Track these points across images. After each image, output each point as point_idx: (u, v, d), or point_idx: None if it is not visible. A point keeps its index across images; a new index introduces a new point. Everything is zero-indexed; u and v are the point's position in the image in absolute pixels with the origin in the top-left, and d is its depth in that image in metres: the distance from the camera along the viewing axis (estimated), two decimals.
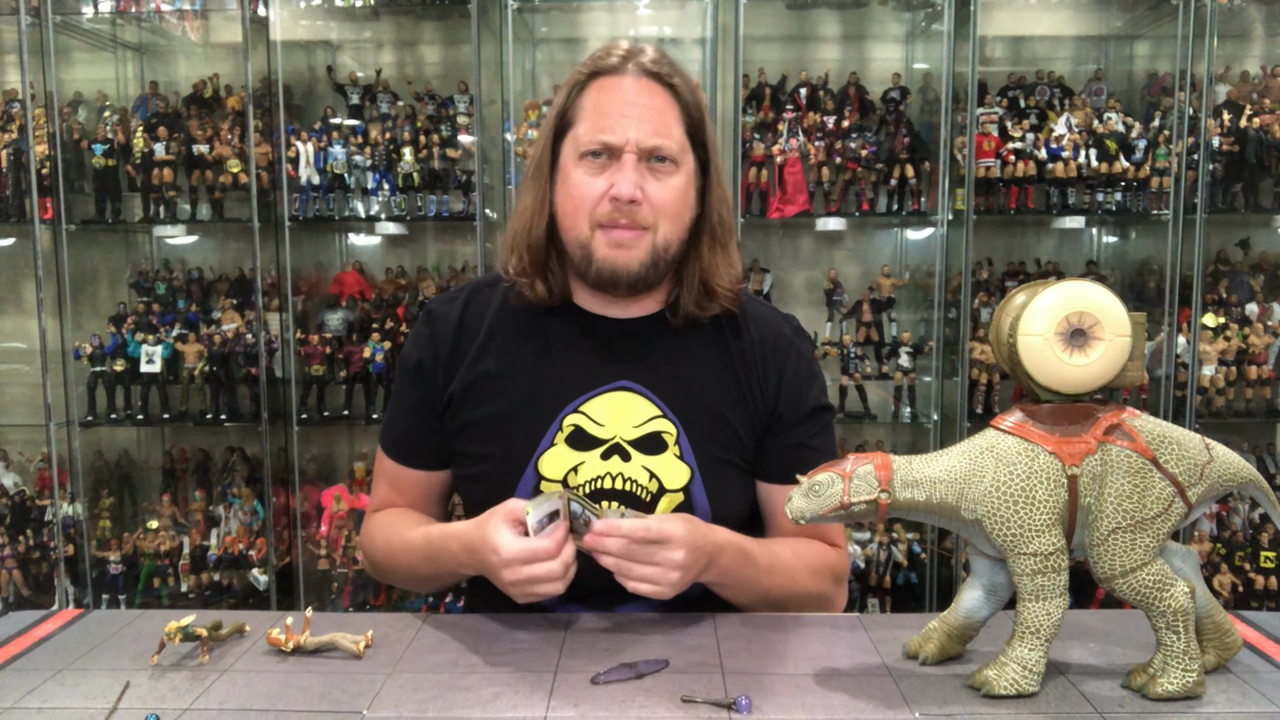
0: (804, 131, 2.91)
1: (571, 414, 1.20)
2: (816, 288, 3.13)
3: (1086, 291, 0.94)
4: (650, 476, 1.19)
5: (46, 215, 2.92)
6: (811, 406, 1.26)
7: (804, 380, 1.26)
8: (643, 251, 1.17)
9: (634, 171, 1.14)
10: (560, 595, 1.11)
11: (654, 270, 1.19)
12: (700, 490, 1.20)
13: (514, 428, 1.21)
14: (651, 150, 1.15)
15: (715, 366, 1.24)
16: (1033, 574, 0.92)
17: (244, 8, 2.82)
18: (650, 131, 1.14)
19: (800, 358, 1.28)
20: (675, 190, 1.17)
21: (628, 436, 1.20)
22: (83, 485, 3.01)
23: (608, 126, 1.14)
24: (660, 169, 1.16)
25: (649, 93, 1.16)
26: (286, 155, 2.88)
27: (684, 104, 1.18)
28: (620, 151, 1.14)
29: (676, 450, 1.20)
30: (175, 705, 0.94)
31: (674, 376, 1.22)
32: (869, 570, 2.90)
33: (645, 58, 1.18)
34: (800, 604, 1.22)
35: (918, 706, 0.92)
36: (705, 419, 1.21)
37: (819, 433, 1.27)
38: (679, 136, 1.17)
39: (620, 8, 3.15)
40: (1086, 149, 2.85)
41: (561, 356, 1.23)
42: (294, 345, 2.94)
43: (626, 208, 1.15)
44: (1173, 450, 0.94)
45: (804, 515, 0.94)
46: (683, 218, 1.19)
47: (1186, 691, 0.92)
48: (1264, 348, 2.88)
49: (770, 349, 1.26)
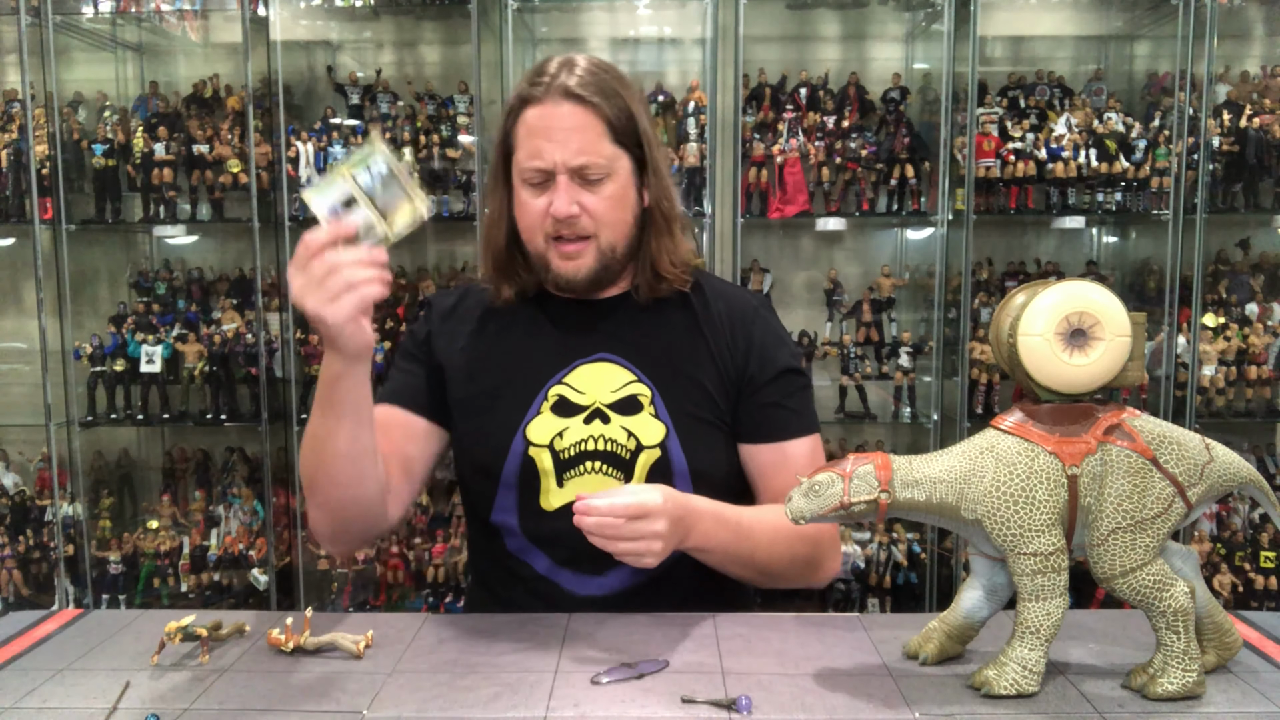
0: (804, 131, 2.91)
1: (555, 385, 1.31)
2: (816, 288, 3.13)
3: (1086, 291, 0.94)
4: (629, 435, 1.28)
5: (46, 215, 2.92)
6: (782, 367, 1.34)
7: (772, 345, 1.35)
8: (590, 259, 1.28)
9: (567, 190, 1.24)
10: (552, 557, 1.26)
11: (605, 271, 1.30)
12: (676, 445, 1.28)
13: (502, 400, 1.31)
14: (579, 169, 1.24)
15: (684, 334, 1.34)
16: (1033, 574, 0.92)
17: (244, 8, 2.82)
18: (574, 152, 1.23)
19: (767, 325, 1.37)
20: (610, 198, 1.27)
21: (606, 401, 1.29)
22: (83, 485, 3.01)
23: (538, 152, 1.24)
24: (593, 182, 1.25)
25: (570, 115, 1.24)
26: (286, 155, 2.88)
27: (607, 117, 1.25)
28: (553, 174, 1.24)
29: (652, 410, 1.29)
30: (175, 705, 0.94)
31: (647, 345, 1.32)
32: (869, 570, 2.90)
33: (569, 79, 1.25)
34: (788, 567, 1.29)
35: (918, 706, 0.92)
36: (677, 380, 1.31)
37: (793, 394, 1.35)
38: (605, 149, 1.26)
39: (620, 8, 3.15)
40: (1086, 149, 2.85)
41: (544, 336, 1.35)
42: (294, 345, 2.94)
43: (567, 222, 1.25)
44: (1173, 450, 0.94)
45: (804, 515, 0.94)
46: (623, 220, 1.29)
47: (1186, 691, 0.93)
48: (1264, 348, 2.88)
49: (737, 317, 1.36)
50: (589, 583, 1.28)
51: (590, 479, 1.28)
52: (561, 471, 1.28)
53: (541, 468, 1.28)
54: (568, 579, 1.29)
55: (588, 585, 1.28)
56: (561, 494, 1.28)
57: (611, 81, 1.27)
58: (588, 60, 1.29)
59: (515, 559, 1.32)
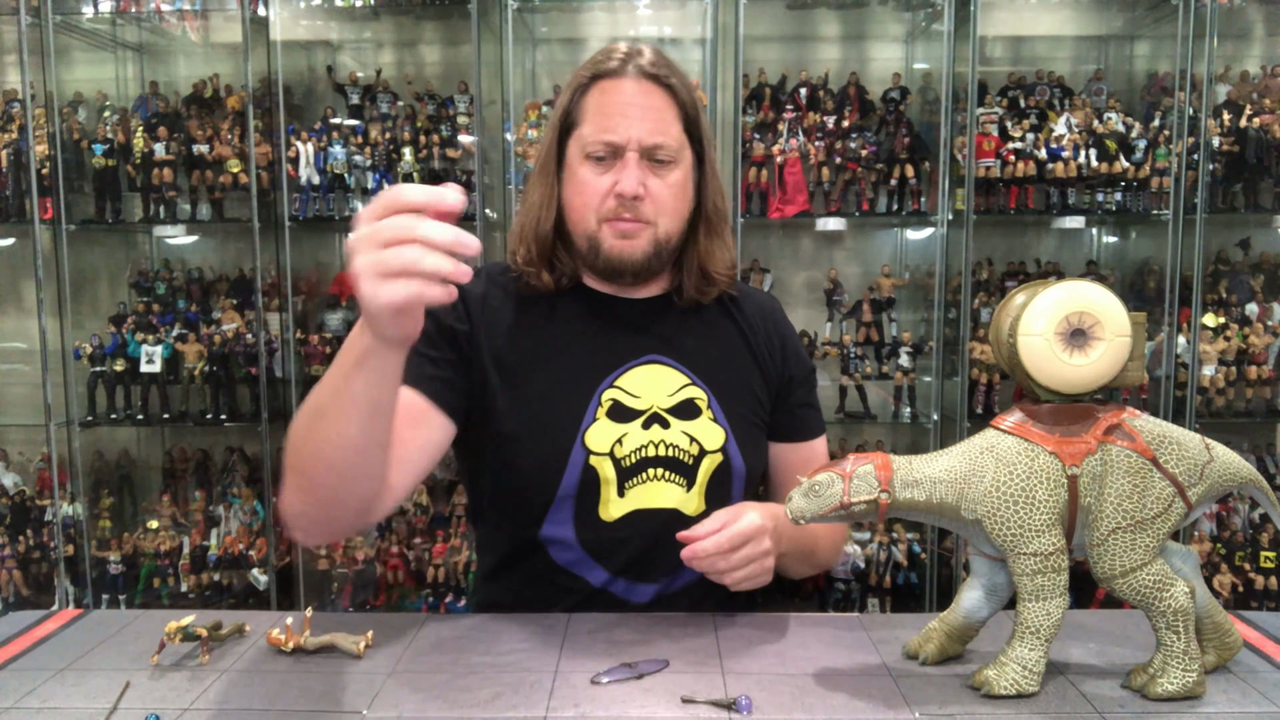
0: (804, 131, 2.91)
1: (608, 389, 1.26)
2: (816, 288, 3.13)
3: (1086, 291, 0.94)
4: (691, 440, 1.25)
5: (46, 215, 2.92)
6: (810, 368, 1.41)
7: (798, 345, 1.41)
8: (645, 242, 1.24)
9: (637, 169, 1.21)
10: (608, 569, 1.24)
11: (656, 260, 1.26)
12: (735, 449, 1.28)
13: (556, 406, 1.24)
14: (652, 148, 1.21)
15: (728, 337, 1.34)
16: (1033, 574, 0.92)
17: (244, 8, 2.82)
18: (650, 130, 1.21)
19: (788, 324, 1.42)
20: (675, 186, 1.24)
21: (664, 405, 1.26)
22: (83, 485, 3.01)
23: (610, 127, 1.21)
24: (660, 166, 1.23)
25: (648, 94, 1.22)
26: (286, 155, 2.88)
27: (681, 103, 1.24)
28: (623, 150, 1.21)
29: (710, 414, 1.28)
30: (175, 705, 0.94)
31: (696, 348, 1.30)
32: (869, 570, 2.90)
33: (644, 60, 1.23)
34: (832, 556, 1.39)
35: (918, 706, 0.92)
36: (730, 384, 1.30)
37: (814, 392, 1.42)
38: (677, 134, 1.24)
39: (620, 8, 3.15)
40: (1086, 149, 2.85)
41: (589, 336, 1.29)
42: (294, 345, 2.94)
43: (630, 203, 1.21)
44: (1173, 450, 0.94)
45: (804, 515, 0.94)
46: (681, 211, 1.27)
47: (1186, 691, 0.93)
48: (1264, 348, 2.88)
49: (770, 320, 1.38)
50: (642, 590, 1.25)
51: (653, 486, 1.23)
52: (623, 480, 1.22)
53: (604, 477, 1.22)
54: (622, 588, 1.24)
55: (640, 593, 1.24)
56: (622, 504, 1.22)
57: (682, 75, 1.26)
58: (656, 49, 1.28)
59: (568, 574, 1.24)
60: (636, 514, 1.23)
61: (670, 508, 1.24)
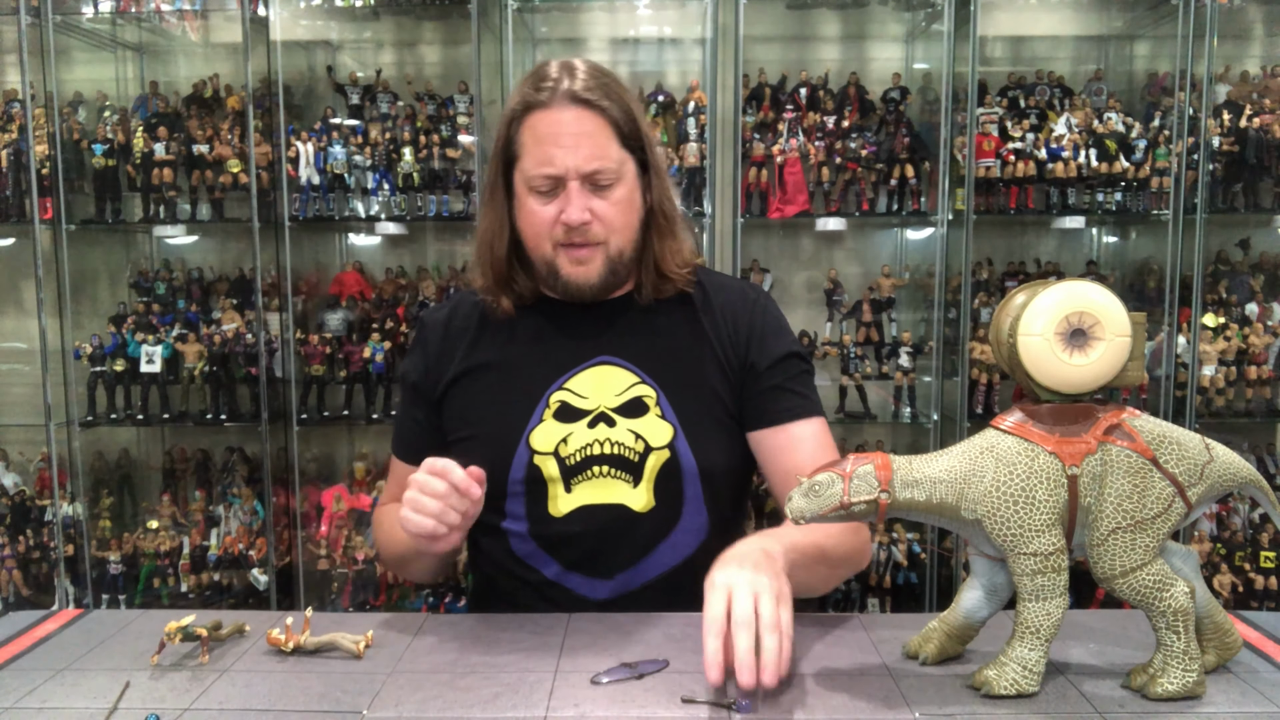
0: (804, 131, 2.91)
1: (557, 391, 1.30)
2: (816, 288, 3.13)
3: (1086, 291, 0.94)
4: (636, 438, 1.28)
5: (46, 215, 2.92)
6: (782, 352, 1.34)
7: (772, 331, 1.35)
8: (600, 264, 1.28)
9: (579, 197, 1.23)
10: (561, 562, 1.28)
11: (613, 277, 1.30)
12: (684, 444, 1.28)
13: (504, 409, 1.31)
14: (592, 174, 1.23)
15: (686, 332, 1.34)
16: (1033, 574, 0.92)
17: (244, 8, 2.82)
18: (587, 157, 1.22)
19: (766, 313, 1.37)
20: (620, 203, 1.26)
21: (611, 405, 1.29)
22: (83, 485, 3.01)
23: (548, 159, 1.23)
24: (603, 187, 1.25)
25: (580, 120, 1.23)
26: (286, 155, 2.88)
27: (614, 120, 1.24)
28: (564, 180, 1.23)
29: (658, 411, 1.29)
30: (175, 705, 0.94)
31: (648, 346, 1.32)
32: (869, 570, 2.90)
33: (575, 84, 1.24)
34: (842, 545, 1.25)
35: (918, 706, 0.92)
36: (681, 379, 1.30)
37: (795, 377, 1.34)
38: (615, 154, 1.25)
39: (620, 8, 3.15)
40: (1086, 149, 2.85)
41: (543, 343, 1.34)
42: (294, 345, 2.94)
43: (579, 230, 1.24)
44: (1173, 450, 0.94)
45: (804, 515, 0.94)
46: (631, 223, 1.29)
47: (1186, 691, 0.93)
48: (1264, 348, 2.88)
49: (739, 308, 1.36)
50: (598, 586, 1.28)
51: (599, 483, 1.27)
52: (569, 477, 1.28)
53: (548, 475, 1.28)
54: (577, 583, 1.29)
55: (597, 589, 1.28)
56: (570, 499, 1.28)
57: (613, 84, 1.26)
58: (586, 64, 1.28)
59: (524, 564, 1.31)
60: (584, 509, 1.28)
61: (617, 503, 1.27)
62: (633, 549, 1.28)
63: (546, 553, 1.30)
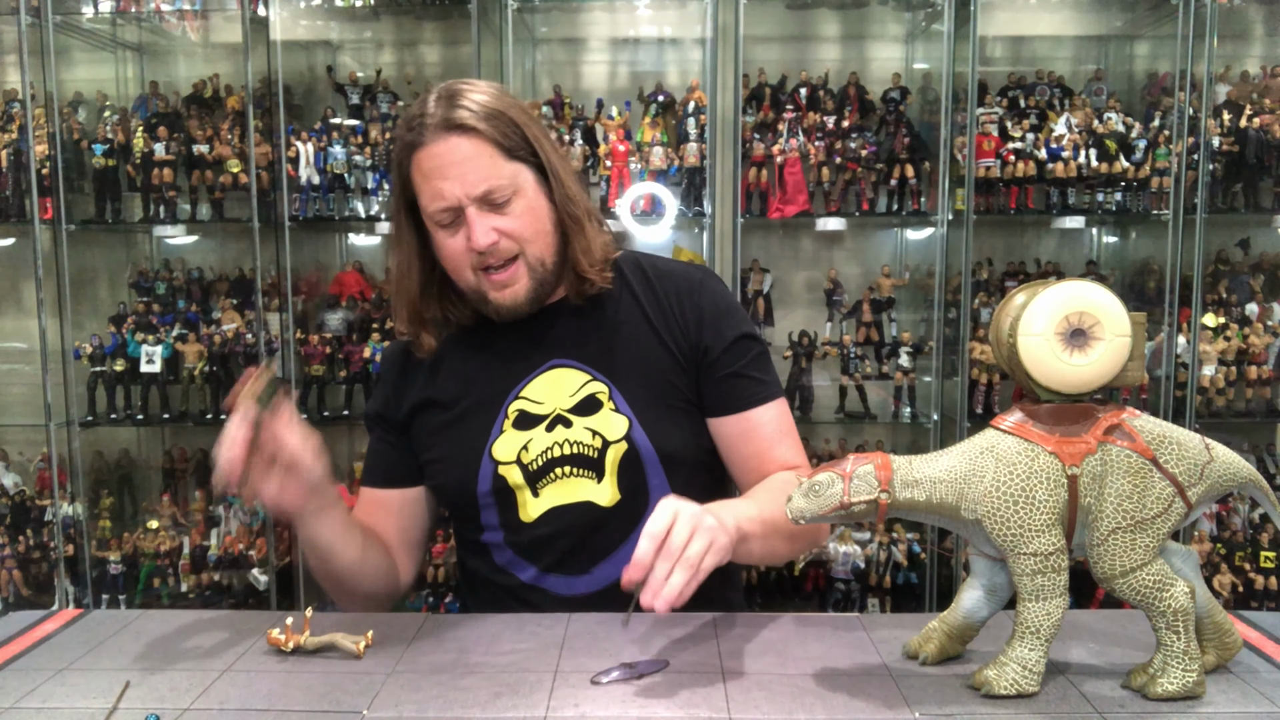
0: (804, 131, 2.91)
1: (514, 401, 1.32)
2: (816, 288, 3.13)
3: (1086, 291, 0.94)
4: (593, 434, 1.29)
5: (46, 215, 2.91)
6: (735, 335, 1.33)
7: (723, 313, 1.34)
8: (524, 281, 1.28)
9: (479, 219, 1.22)
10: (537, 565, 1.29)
11: (542, 287, 1.30)
12: (641, 434, 1.29)
13: (466, 427, 1.33)
14: (484, 196, 1.22)
15: (631, 323, 1.34)
16: (1033, 574, 0.92)
17: (244, 8, 2.82)
18: (473, 182, 1.22)
19: (715, 295, 1.36)
20: (524, 214, 1.25)
21: (565, 406, 1.31)
22: (83, 485, 3.01)
23: (438, 193, 1.22)
24: (501, 204, 1.24)
25: (456, 148, 1.21)
26: (286, 155, 2.88)
27: (492, 137, 1.22)
28: (461, 209, 1.23)
29: (611, 405, 1.30)
30: (175, 705, 0.94)
31: (596, 343, 1.33)
32: (869, 570, 2.90)
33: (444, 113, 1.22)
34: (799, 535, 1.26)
35: (918, 706, 0.92)
36: (631, 371, 1.31)
37: (750, 360, 1.34)
38: (502, 169, 1.23)
39: (620, 8, 3.15)
40: (1086, 149, 2.85)
41: (496, 356, 1.35)
42: (294, 345, 2.94)
43: (490, 251, 1.24)
44: (1173, 450, 0.94)
45: (804, 515, 0.94)
46: (542, 229, 1.28)
47: (1186, 691, 0.93)
48: (1264, 348, 2.88)
49: (684, 292, 1.35)
50: (576, 583, 1.30)
51: (564, 483, 1.29)
52: (534, 482, 1.30)
53: (513, 483, 1.30)
54: (555, 583, 1.31)
55: (575, 585, 1.30)
56: (538, 503, 1.30)
57: (488, 100, 1.24)
58: (459, 85, 1.26)
59: (504, 571, 1.34)
60: (553, 511, 1.30)
61: (583, 501, 1.29)
62: (606, 543, 1.30)
63: (524, 558, 1.32)
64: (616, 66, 3.21)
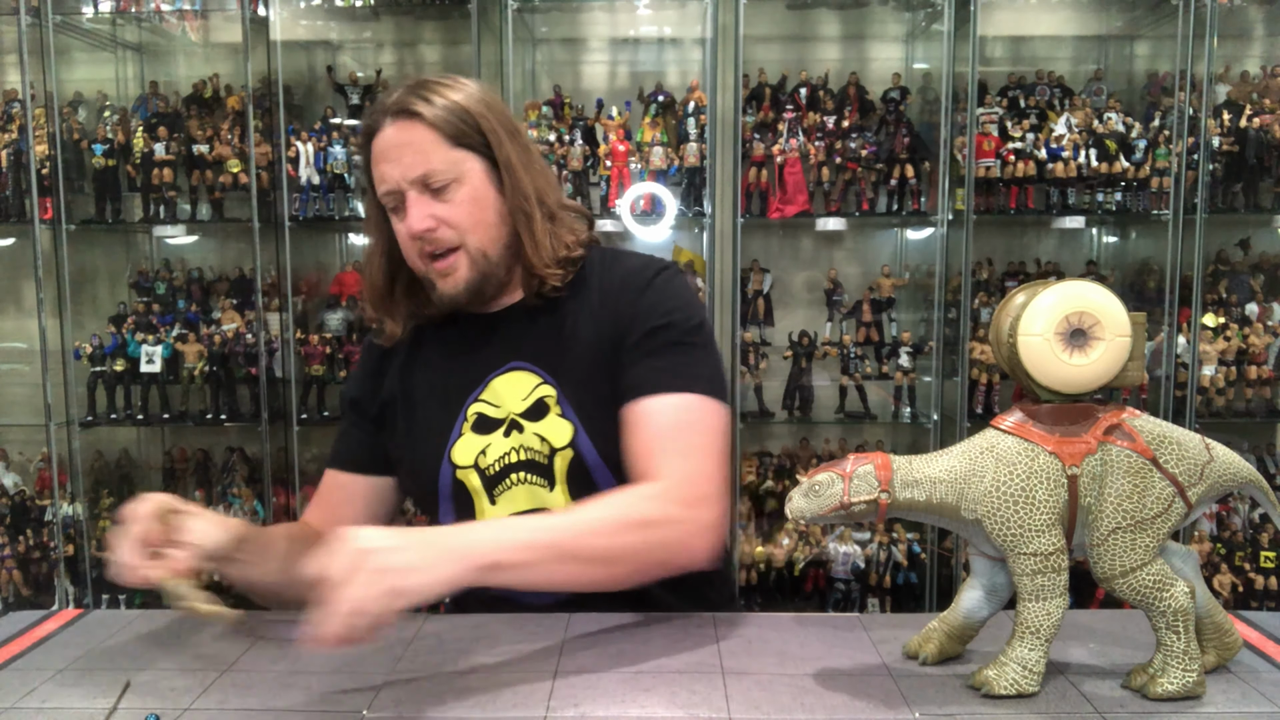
0: (804, 131, 2.91)
1: (473, 403, 1.29)
2: (816, 288, 3.13)
3: (1086, 291, 0.93)
4: (541, 440, 1.25)
5: (46, 215, 2.92)
6: (650, 325, 1.23)
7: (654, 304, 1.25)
8: (464, 270, 1.25)
9: (417, 205, 1.21)
10: None
11: (485, 280, 1.26)
12: (585, 441, 1.24)
13: (426, 428, 1.31)
14: (420, 179, 1.21)
15: (581, 323, 1.28)
16: (1033, 574, 0.92)
17: (244, 8, 2.82)
18: (410, 165, 1.21)
19: (660, 289, 1.27)
20: (465, 203, 1.23)
21: (518, 410, 1.27)
22: (83, 485, 3.01)
23: (382, 177, 1.23)
24: (440, 190, 1.22)
25: (401, 130, 1.21)
26: (286, 155, 2.88)
27: (435, 124, 1.21)
28: (402, 194, 1.22)
29: (558, 410, 1.26)
30: (175, 705, 0.94)
31: (549, 343, 1.28)
32: (869, 570, 2.90)
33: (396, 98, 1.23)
34: (608, 560, 1.08)
35: (918, 706, 0.92)
36: (576, 373, 1.26)
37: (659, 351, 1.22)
38: (446, 155, 1.21)
39: (620, 8, 3.15)
40: (1086, 149, 2.85)
41: (458, 356, 1.32)
42: (294, 345, 2.94)
43: (428, 237, 1.22)
44: (1173, 450, 0.94)
45: (804, 515, 0.94)
46: (485, 221, 1.25)
47: (1186, 691, 0.92)
48: (1264, 348, 2.88)
49: (630, 287, 1.27)
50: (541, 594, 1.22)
51: (518, 490, 1.25)
52: (490, 489, 1.26)
53: (471, 488, 1.27)
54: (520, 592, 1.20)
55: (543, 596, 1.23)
56: (495, 510, 1.26)
57: (450, 90, 1.23)
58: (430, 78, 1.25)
59: None
60: None
61: (537, 508, 1.25)
62: None
63: None
64: (616, 66, 3.21)
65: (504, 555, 1.00)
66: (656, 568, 1.13)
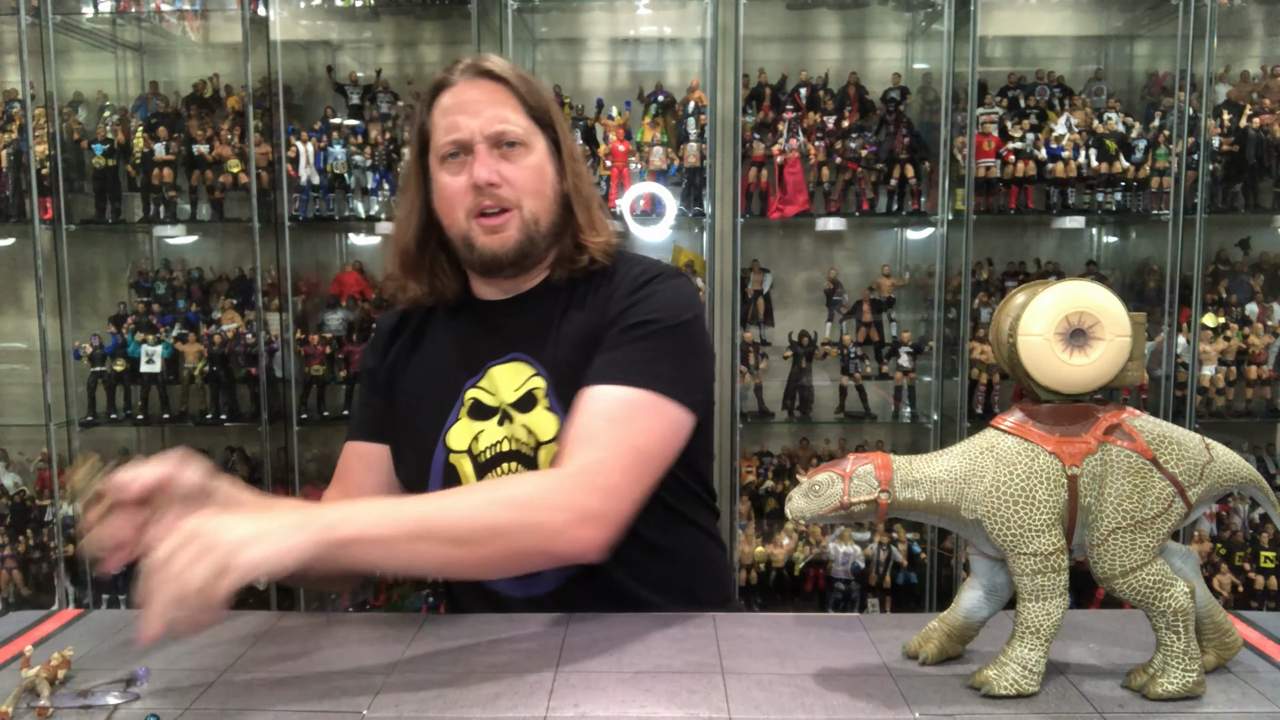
0: (804, 131, 2.92)
1: (471, 389, 1.30)
2: (816, 288, 3.13)
3: (1086, 291, 0.93)
4: (529, 433, 1.26)
5: (46, 215, 2.92)
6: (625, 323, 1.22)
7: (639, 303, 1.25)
8: (514, 230, 1.26)
9: (488, 158, 1.24)
10: None
11: (530, 245, 1.28)
12: None
13: (424, 409, 1.32)
14: (497, 136, 1.24)
15: (582, 319, 1.29)
16: (1033, 574, 0.92)
17: (244, 8, 2.82)
18: (490, 120, 1.24)
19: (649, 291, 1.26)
20: (530, 169, 1.27)
21: (509, 400, 1.28)
22: None
23: (454, 127, 1.25)
24: (511, 152, 1.26)
25: (483, 89, 1.26)
26: (286, 155, 2.88)
27: (520, 93, 1.27)
28: (471, 145, 1.24)
29: (546, 403, 1.26)
30: (175, 705, 0.94)
31: (549, 336, 1.30)
32: (869, 570, 2.90)
33: (479, 63, 1.28)
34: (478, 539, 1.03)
35: (918, 706, 0.92)
36: (567, 368, 1.26)
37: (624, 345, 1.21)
38: (522, 121, 1.26)
39: (620, 8, 3.15)
40: (1086, 149, 2.85)
41: (462, 341, 1.34)
42: (294, 345, 2.94)
43: (489, 191, 1.24)
44: (1173, 450, 0.94)
45: (804, 515, 0.94)
46: (544, 191, 1.29)
47: (1186, 691, 0.92)
48: (1264, 348, 2.88)
49: (627, 288, 1.28)
50: (528, 584, 1.25)
51: None
52: (482, 475, 1.26)
53: (463, 473, 1.27)
54: (504, 584, 1.26)
55: (528, 587, 1.25)
56: None
57: (522, 71, 1.30)
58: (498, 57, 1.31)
59: None
60: None
61: None
62: None
63: None
64: (616, 66, 3.21)
65: (357, 529, 0.96)
66: (533, 553, 1.07)
